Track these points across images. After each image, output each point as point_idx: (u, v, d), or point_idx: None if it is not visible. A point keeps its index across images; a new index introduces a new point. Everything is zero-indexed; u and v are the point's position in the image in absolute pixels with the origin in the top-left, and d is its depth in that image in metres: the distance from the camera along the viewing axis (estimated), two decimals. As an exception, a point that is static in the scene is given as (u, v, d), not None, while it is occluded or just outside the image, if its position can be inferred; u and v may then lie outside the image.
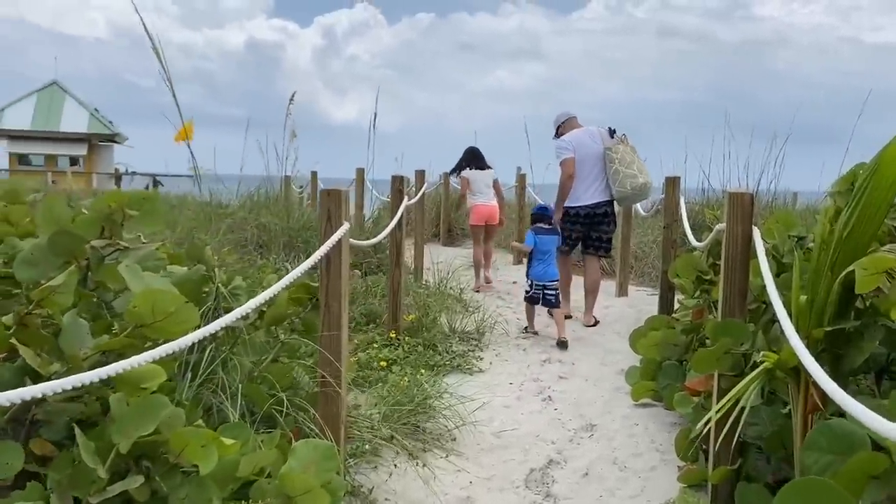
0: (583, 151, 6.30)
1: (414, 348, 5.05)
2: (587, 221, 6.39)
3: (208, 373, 2.97)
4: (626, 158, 6.21)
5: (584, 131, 6.47)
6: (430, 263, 8.59)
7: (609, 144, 6.30)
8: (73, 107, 27.36)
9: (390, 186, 5.32)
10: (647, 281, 8.62)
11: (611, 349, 5.64)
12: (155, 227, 2.66)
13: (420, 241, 7.63)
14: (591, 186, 6.31)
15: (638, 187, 6.18)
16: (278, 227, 7.24)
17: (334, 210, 3.02)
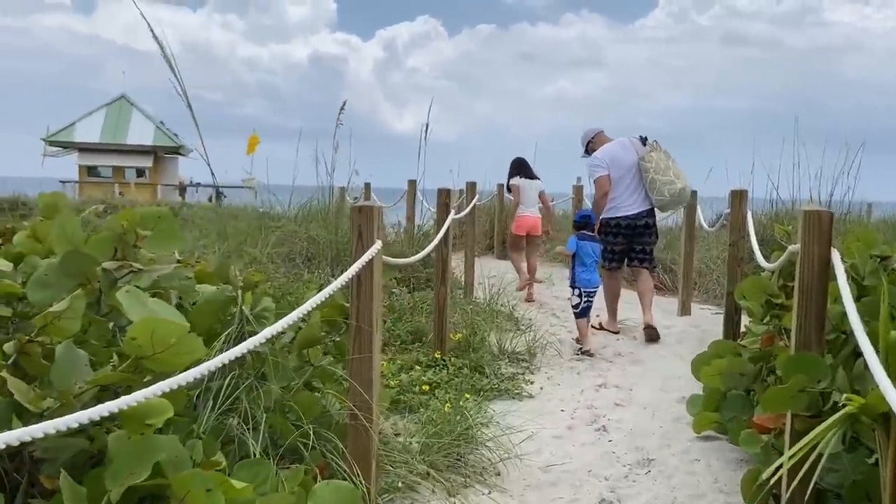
0: (618, 164, 6.21)
1: (459, 370, 4.80)
2: (629, 233, 6.27)
3: (231, 400, 2.79)
4: (661, 165, 6.10)
5: (617, 144, 6.38)
6: (481, 278, 8.35)
7: (642, 153, 6.20)
8: (140, 120, 28.10)
9: (436, 200, 5.11)
10: (710, 299, 8.19)
11: (671, 374, 5.28)
12: (171, 247, 2.49)
13: (470, 254, 7.38)
14: (630, 197, 6.21)
15: (676, 192, 6.09)
16: (326, 240, 7.09)
17: (365, 227, 2.81)
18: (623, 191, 6.21)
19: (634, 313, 7.18)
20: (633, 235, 6.29)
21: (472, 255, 7.39)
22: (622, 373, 5.36)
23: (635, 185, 6.21)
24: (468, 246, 7.39)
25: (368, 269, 2.80)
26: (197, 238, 8.39)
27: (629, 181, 6.21)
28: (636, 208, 6.22)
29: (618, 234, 6.28)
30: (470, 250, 7.37)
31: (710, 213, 11.86)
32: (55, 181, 27.22)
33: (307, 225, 7.91)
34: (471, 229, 7.54)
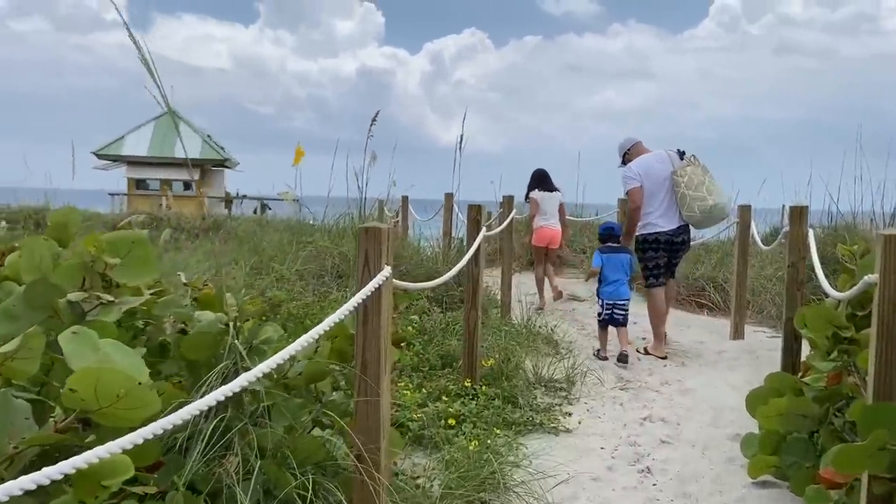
0: (652, 177, 6.07)
1: (490, 401, 4.44)
2: (668, 248, 6.10)
3: (223, 445, 2.49)
4: (694, 181, 5.92)
5: (653, 156, 6.21)
6: (520, 296, 7.98)
7: (678, 167, 6.03)
8: (188, 133, 28.33)
9: (466, 216, 4.77)
10: (765, 319, 7.68)
11: (723, 405, 4.84)
12: (144, 275, 2.21)
13: (507, 272, 7.02)
14: (667, 211, 6.05)
15: (707, 210, 5.90)
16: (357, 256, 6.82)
17: (373, 251, 2.49)
18: (658, 205, 6.04)
19: (683, 337, 6.74)
20: (672, 251, 6.14)
21: (508, 273, 7.03)
22: (669, 404, 4.93)
23: (670, 200, 6.04)
24: (505, 263, 7.02)
25: (376, 299, 2.48)
26: (234, 252, 8.23)
27: (663, 195, 6.04)
28: (673, 223, 6.04)
29: (658, 250, 6.09)
30: (507, 267, 7.00)
31: (763, 227, 11.37)
32: (104, 194, 27.68)
33: (339, 240, 7.67)
34: (508, 245, 7.17)
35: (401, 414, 3.99)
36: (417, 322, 5.86)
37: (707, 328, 7.23)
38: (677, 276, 6.88)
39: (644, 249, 6.11)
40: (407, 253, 7.25)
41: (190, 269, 7.34)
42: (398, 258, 6.97)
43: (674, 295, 6.36)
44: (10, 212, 18.96)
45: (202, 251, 9.80)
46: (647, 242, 6.08)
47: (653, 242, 6.07)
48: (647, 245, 6.09)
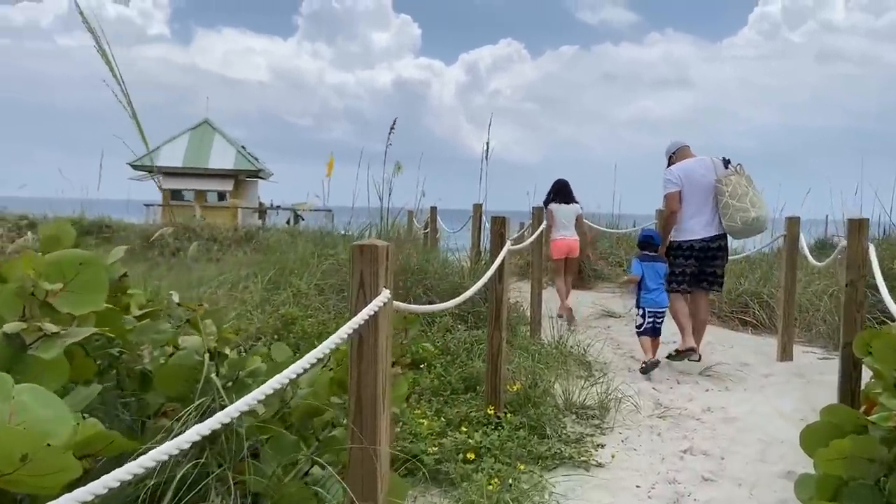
0: (693, 183, 5.95)
1: (515, 431, 4.07)
2: (701, 255, 5.97)
3: (198, 493, 2.18)
4: (738, 191, 5.81)
5: (696, 161, 6.09)
6: (552, 311, 7.60)
7: (721, 175, 5.90)
8: (222, 144, 28.44)
9: (490, 229, 4.41)
10: (814, 338, 7.18)
11: (772, 437, 4.41)
12: (94, 302, 1.90)
13: (537, 287, 6.63)
14: (703, 219, 5.94)
15: (749, 222, 5.78)
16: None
17: (370, 272, 2.16)
18: (695, 212, 5.94)
19: (726, 357, 6.29)
20: (706, 259, 5.98)
21: (538, 289, 6.64)
22: (711, 434, 4.51)
23: (709, 207, 5.93)
24: (534, 277, 6.64)
25: (372, 326, 2.15)
26: (259, 263, 7.97)
27: (702, 202, 5.93)
28: (710, 231, 5.93)
29: (689, 257, 5.97)
30: (537, 282, 6.62)
31: (807, 238, 10.81)
32: (139, 204, 27.89)
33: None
34: (537, 259, 6.79)
35: (415, 446, 3.64)
36: (440, 341, 5.52)
37: (752, 348, 6.77)
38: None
39: (675, 255, 6.02)
40: (432, 267, 6.91)
41: (209, 282, 7.12)
42: (422, 273, 6.64)
43: (706, 316, 6.26)
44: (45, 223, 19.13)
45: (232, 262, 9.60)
46: (680, 249, 5.99)
47: (686, 249, 5.96)
48: (679, 251, 5.99)
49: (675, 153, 6.26)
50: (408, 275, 6.41)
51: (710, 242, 5.94)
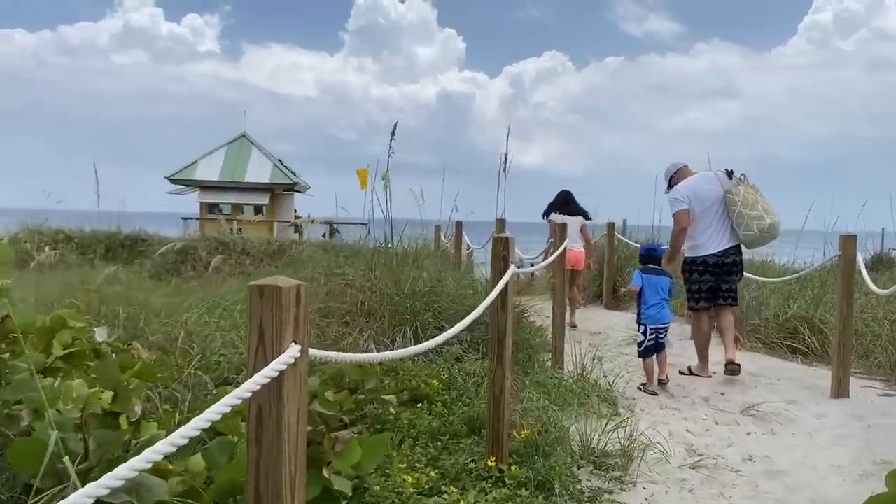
0: (701, 199, 5.94)
1: (518, 489, 3.46)
2: (716, 271, 5.94)
3: None
4: (749, 199, 5.82)
5: (700, 177, 6.12)
6: (580, 335, 6.97)
7: (728, 187, 5.92)
8: (258, 158, 28.32)
9: (491, 250, 3.82)
10: (873, 368, 6.42)
11: (826, 498, 3.72)
12: None
13: (559, 311, 5.97)
14: (716, 233, 5.93)
15: (766, 228, 5.78)
16: (384, 292, 5.95)
17: (271, 322, 1.61)
18: (706, 227, 5.93)
19: (771, 393, 5.58)
20: (721, 274, 5.95)
21: (561, 312, 5.98)
22: (753, 492, 3.84)
23: (720, 221, 5.93)
24: (556, 301, 5.99)
25: (275, 394, 1.59)
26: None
27: (713, 216, 5.92)
28: (722, 245, 5.91)
29: (704, 273, 5.95)
30: (559, 306, 5.97)
31: (861, 251, 9.98)
32: (177, 217, 27.95)
33: (370, 271, 6.81)
34: (560, 280, 6.13)
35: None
36: (445, 374, 4.96)
37: (801, 381, 6.03)
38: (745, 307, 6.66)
39: (690, 272, 6.04)
40: (446, 288, 6.33)
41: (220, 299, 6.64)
42: (433, 294, 6.07)
43: (732, 323, 6.08)
44: (81, 236, 19.10)
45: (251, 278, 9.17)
46: (694, 265, 5.98)
47: (700, 265, 5.94)
48: (693, 267, 5.99)
49: (675, 174, 6.28)
50: (416, 298, 5.85)
51: (723, 257, 5.90)
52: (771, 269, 11.96)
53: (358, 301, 6.22)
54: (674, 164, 6.40)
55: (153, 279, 15.46)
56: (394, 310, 5.73)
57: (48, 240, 18.60)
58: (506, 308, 3.69)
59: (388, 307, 5.77)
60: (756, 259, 11.65)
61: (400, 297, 5.80)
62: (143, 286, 11.42)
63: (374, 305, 6.04)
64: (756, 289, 7.70)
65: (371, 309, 6.07)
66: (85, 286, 6.61)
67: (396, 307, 5.73)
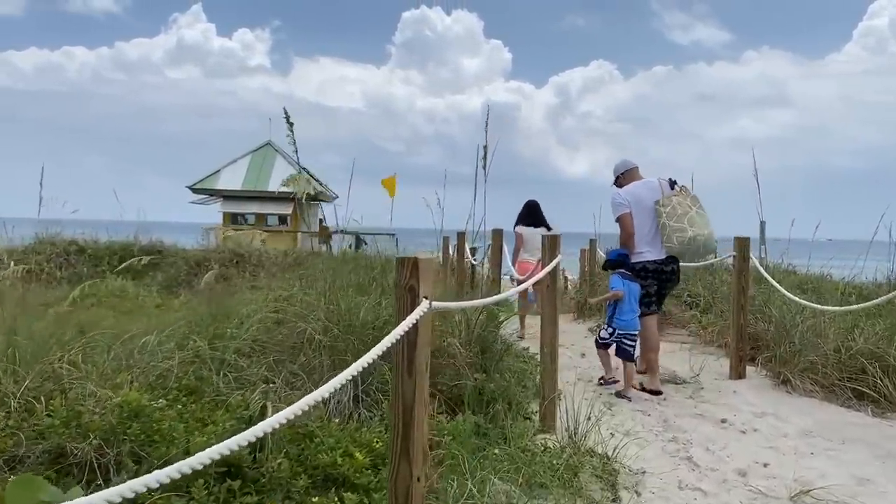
0: (641, 205, 5.93)
1: None
2: (658, 277, 5.95)
3: None
4: (677, 211, 5.79)
5: (643, 184, 6.05)
6: (581, 369, 5.62)
7: (664, 196, 5.87)
8: (283, 167, 27.34)
9: (395, 277, 2.47)
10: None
11: None
12: None
13: (550, 350, 4.59)
14: (654, 241, 5.91)
15: (686, 241, 5.73)
16: (342, 322, 4.65)
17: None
18: (644, 234, 5.92)
19: (831, 465, 4.12)
20: (662, 280, 5.96)
21: (552, 352, 4.60)
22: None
23: (657, 229, 5.88)
24: (545, 338, 4.59)
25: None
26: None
27: (649, 224, 5.91)
28: (659, 254, 5.90)
29: (647, 277, 5.92)
30: (548, 344, 4.57)
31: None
32: (198, 227, 27.20)
33: (339, 292, 5.48)
34: (550, 309, 4.72)
35: None
36: (378, 441, 3.65)
37: (875, 446, 4.55)
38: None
39: (637, 276, 5.94)
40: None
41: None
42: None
43: (659, 342, 6.02)
44: (95, 248, 18.28)
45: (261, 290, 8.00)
46: (634, 271, 5.90)
47: (641, 271, 5.90)
48: (640, 273, 5.91)
49: (623, 174, 6.17)
50: (364, 331, 4.55)
51: (663, 265, 5.92)
52: (829, 285, 10.54)
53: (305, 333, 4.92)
54: (625, 161, 6.26)
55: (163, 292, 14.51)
56: (332, 346, 4.44)
57: (59, 251, 17.84)
58: (413, 368, 2.37)
59: (325, 343, 4.48)
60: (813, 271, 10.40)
61: (340, 328, 4.52)
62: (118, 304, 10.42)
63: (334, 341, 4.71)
64: (811, 316, 6.21)
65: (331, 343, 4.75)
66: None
67: (336, 343, 4.45)
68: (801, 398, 5.58)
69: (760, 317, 6.87)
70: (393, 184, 17.70)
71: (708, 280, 9.58)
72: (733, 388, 5.83)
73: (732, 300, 6.25)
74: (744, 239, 6.30)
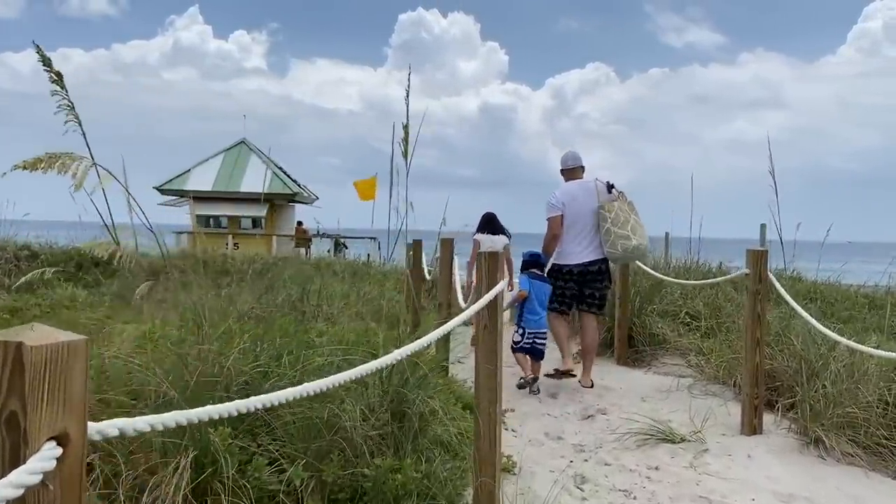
0: (575, 207, 5.95)
1: None
2: (580, 279, 5.99)
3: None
4: (621, 218, 5.85)
5: (581, 185, 6.08)
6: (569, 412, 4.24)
7: (605, 201, 5.92)
8: (256, 166, 25.85)
9: None
10: None
11: None
12: None
13: (490, 410, 3.14)
14: (583, 244, 5.94)
15: (630, 250, 5.82)
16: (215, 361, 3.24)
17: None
18: (575, 237, 5.95)
19: None
20: (584, 282, 5.99)
21: (492, 416, 3.12)
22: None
23: (589, 232, 5.93)
24: (482, 401, 3.13)
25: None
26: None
27: (583, 227, 5.94)
28: (587, 257, 5.94)
29: (569, 280, 5.99)
30: (488, 407, 3.10)
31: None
32: (169, 231, 25.70)
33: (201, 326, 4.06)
34: (490, 346, 3.20)
35: None
36: None
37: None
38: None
39: (556, 278, 6.03)
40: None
41: None
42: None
43: (596, 336, 6.14)
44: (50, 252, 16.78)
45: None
46: (560, 273, 6.00)
47: (566, 273, 5.98)
48: (558, 275, 6.01)
49: (567, 170, 6.20)
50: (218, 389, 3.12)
51: (588, 266, 5.95)
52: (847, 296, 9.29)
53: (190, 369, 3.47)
54: (574, 157, 6.24)
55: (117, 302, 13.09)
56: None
57: (9, 256, 16.34)
58: None
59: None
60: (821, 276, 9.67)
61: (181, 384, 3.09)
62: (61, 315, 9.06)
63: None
64: (849, 355, 4.79)
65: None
66: None
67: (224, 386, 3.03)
68: (839, 467, 4.17)
69: (778, 347, 5.46)
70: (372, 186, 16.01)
71: (709, 295, 8.14)
72: (748, 449, 4.41)
73: (746, 332, 4.70)
74: (759, 252, 4.75)
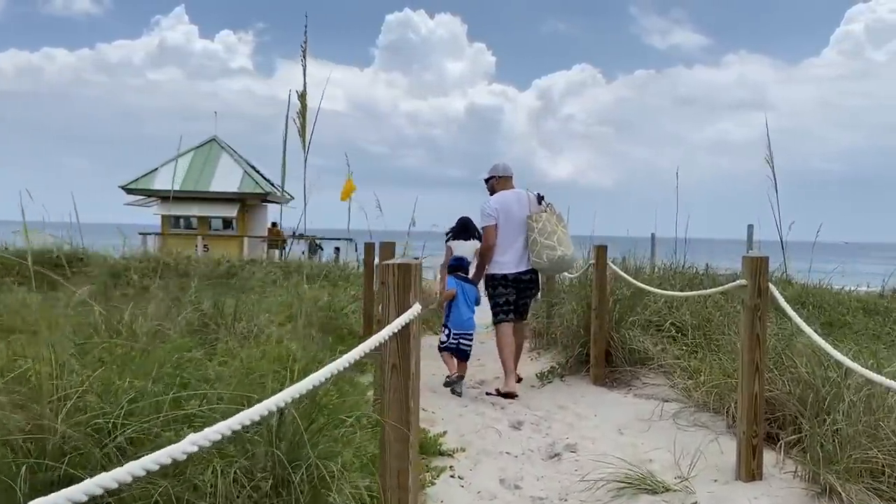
0: (509, 217, 6.08)
1: None
2: (516, 286, 6.10)
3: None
4: (548, 228, 5.97)
5: (513, 194, 6.22)
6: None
7: (534, 211, 6.06)
8: (228, 165, 24.90)
9: None
10: None
11: None
12: None
13: (403, 482, 2.30)
14: (516, 254, 6.07)
15: (555, 259, 5.95)
16: None
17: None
18: (509, 246, 6.06)
19: None
20: (520, 290, 6.12)
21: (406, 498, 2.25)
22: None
23: (521, 243, 6.07)
24: (387, 480, 2.24)
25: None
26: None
27: (515, 237, 6.06)
28: (522, 266, 6.07)
29: (507, 286, 6.07)
30: (399, 484, 2.22)
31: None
32: (134, 231, 24.71)
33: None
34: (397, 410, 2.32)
35: None
36: None
37: None
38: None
39: (494, 286, 6.11)
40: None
41: None
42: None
43: (528, 335, 6.42)
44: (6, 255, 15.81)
45: None
46: (495, 280, 6.09)
47: (501, 279, 6.06)
48: (496, 282, 6.09)
49: (497, 178, 6.31)
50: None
51: (523, 275, 6.07)
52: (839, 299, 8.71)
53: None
54: (506, 167, 6.37)
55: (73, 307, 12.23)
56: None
57: (-40, 259, 15.40)
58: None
59: None
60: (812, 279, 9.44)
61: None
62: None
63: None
64: (865, 381, 3.96)
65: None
66: None
67: None
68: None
69: (779, 371, 4.63)
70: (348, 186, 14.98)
71: (696, 302, 7.30)
72: (746, 501, 3.58)
73: (742, 355, 3.81)
74: (758, 259, 3.85)
